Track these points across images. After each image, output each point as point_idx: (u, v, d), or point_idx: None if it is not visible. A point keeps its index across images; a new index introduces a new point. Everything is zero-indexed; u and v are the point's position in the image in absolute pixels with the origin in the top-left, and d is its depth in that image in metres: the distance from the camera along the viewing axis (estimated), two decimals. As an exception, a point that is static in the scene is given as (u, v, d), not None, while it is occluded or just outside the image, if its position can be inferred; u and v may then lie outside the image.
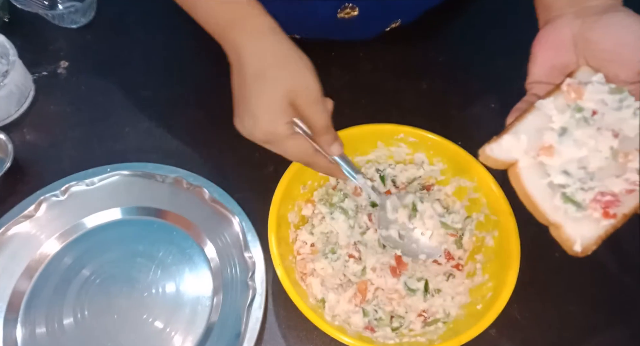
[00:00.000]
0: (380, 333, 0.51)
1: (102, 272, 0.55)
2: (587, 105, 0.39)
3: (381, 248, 0.54)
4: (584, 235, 0.38)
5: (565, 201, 0.38)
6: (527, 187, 0.40)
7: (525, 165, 0.40)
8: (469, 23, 0.75)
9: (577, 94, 0.40)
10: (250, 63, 0.44)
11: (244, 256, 0.54)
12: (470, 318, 0.49)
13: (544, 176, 0.39)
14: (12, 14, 0.71)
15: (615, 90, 0.39)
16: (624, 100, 0.39)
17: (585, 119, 0.39)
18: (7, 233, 0.55)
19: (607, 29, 0.39)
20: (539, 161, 0.39)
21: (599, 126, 0.39)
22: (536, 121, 0.41)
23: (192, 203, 0.58)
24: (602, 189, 0.38)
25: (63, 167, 0.61)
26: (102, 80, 0.68)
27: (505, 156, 0.40)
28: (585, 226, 0.38)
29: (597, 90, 0.39)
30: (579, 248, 0.38)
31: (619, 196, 0.38)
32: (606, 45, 0.39)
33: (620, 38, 0.39)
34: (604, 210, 0.38)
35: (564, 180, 0.38)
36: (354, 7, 0.62)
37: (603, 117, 0.39)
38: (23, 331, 0.52)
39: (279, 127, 0.44)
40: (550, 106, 0.40)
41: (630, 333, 0.54)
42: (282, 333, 0.53)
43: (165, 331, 0.52)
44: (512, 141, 0.40)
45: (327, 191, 0.57)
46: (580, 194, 0.38)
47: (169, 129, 0.65)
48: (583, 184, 0.38)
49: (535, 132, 0.40)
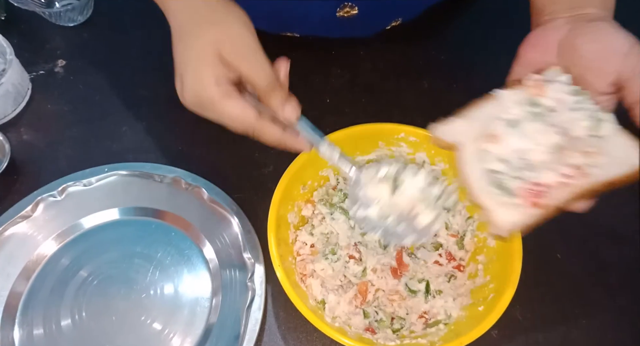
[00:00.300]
0: (380, 335, 0.50)
1: (100, 273, 0.54)
2: (546, 102, 0.41)
3: (382, 249, 0.54)
4: (509, 220, 0.40)
5: (496, 187, 0.40)
6: (466, 169, 0.41)
7: (469, 149, 0.42)
8: (470, 21, 0.75)
9: (539, 90, 0.41)
10: (176, 22, 0.42)
11: (243, 257, 0.54)
12: (472, 319, 0.49)
13: (483, 162, 0.41)
14: (9, 12, 0.71)
15: (577, 92, 0.40)
16: (582, 102, 0.40)
17: (539, 114, 0.40)
18: (4, 234, 0.55)
19: (591, 37, 0.40)
20: (483, 147, 0.41)
21: (551, 122, 0.40)
22: (490, 110, 0.42)
23: (190, 203, 0.57)
24: (536, 180, 0.39)
25: (60, 167, 0.61)
26: (100, 79, 0.68)
27: (452, 139, 0.42)
28: (512, 213, 0.40)
29: (559, 89, 0.40)
30: (501, 232, 0.40)
31: (551, 188, 0.39)
32: (587, 52, 0.40)
33: (602, 47, 0.39)
34: (533, 200, 0.39)
35: (500, 167, 0.40)
36: (353, 6, 0.61)
37: (557, 115, 0.40)
38: (20, 332, 0.51)
39: (208, 87, 0.39)
40: (508, 98, 0.42)
41: (633, 335, 0.54)
42: (282, 334, 0.53)
43: (164, 333, 0.51)
44: (461, 125, 0.42)
45: (327, 192, 0.57)
46: (512, 182, 0.40)
47: (167, 128, 0.64)
48: (518, 173, 0.40)
49: (486, 120, 0.42)
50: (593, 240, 0.59)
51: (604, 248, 0.59)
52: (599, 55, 0.39)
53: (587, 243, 0.59)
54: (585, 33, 0.40)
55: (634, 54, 0.38)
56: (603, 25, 0.40)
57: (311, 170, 0.56)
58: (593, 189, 0.40)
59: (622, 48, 0.38)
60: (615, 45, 0.38)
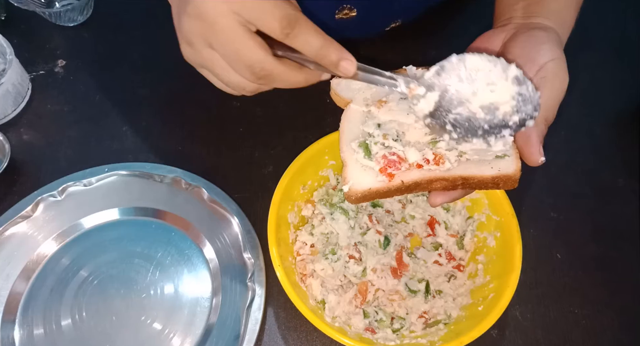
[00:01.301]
0: (380, 335, 0.50)
1: (100, 273, 0.54)
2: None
3: (382, 248, 0.54)
4: (358, 180, 0.40)
5: (361, 147, 0.41)
6: (345, 125, 0.43)
7: (355, 107, 0.43)
8: (470, 20, 0.75)
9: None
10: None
11: (243, 257, 0.54)
12: (472, 319, 0.49)
13: (363, 122, 0.42)
14: (9, 12, 0.71)
15: None
16: None
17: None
18: (4, 234, 0.55)
19: (521, 42, 0.41)
20: (369, 109, 0.43)
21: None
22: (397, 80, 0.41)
23: (190, 203, 0.57)
24: (400, 153, 0.40)
25: (60, 167, 0.61)
26: (100, 79, 0.68)
27: (344, 94, 0.44)
28: (365, 176, 0.40)
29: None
30: (346, 189, 0.41)
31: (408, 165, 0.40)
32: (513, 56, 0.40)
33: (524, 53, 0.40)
34: (387, 168, 0.40)
35: (372, 130, 0.41)
36: (352, 8, 0.61)
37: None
38: (21, 332, 0.51)
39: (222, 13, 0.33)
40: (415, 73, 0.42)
41: (632, 334, 0.54)
42: (282, 334, 0.53)
43: (164, 333, 0.51)
44: (360, 86, 0.44)
45: (327, 192, 0.57)
46: (376, 147, 0.41)
47: (167, 128, 0.64)
48: (387, 141, 0.41)
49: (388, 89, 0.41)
50: (593, 240, 0.59)
51: (604, 248, 0.59)
52: (520, 61, 0.39)
53: (587, 242, 0.59)
54: (518, 38, 0.41)
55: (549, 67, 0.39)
56: (538, 33, 0.41)
57: (311, 170, 0.56)
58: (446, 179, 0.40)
59: (541, 59, 0.39)
60: (536, 55, 0.39)
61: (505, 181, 0.40)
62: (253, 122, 0.65)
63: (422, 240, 0.57)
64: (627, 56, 0.71)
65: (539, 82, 0.38)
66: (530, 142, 0.39)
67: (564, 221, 0.60)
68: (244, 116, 0.65)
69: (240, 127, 0.64)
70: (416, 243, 0.57)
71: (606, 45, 0.72)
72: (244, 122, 0.64)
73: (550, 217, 0.60)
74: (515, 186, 0.40)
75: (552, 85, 0.39)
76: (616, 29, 0.74)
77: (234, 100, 0.66)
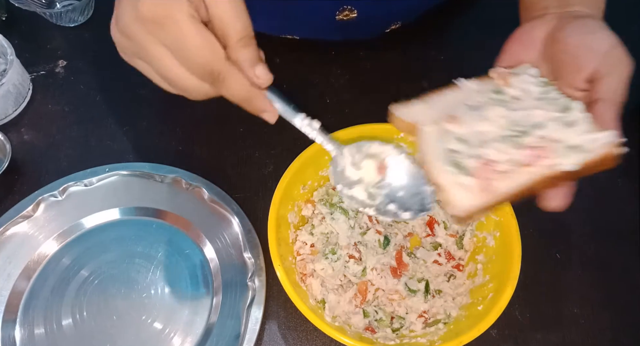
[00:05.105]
0: (380, 334, 0.50)
1: (101, 273, 0.54)
2: (510, 91, 0.41)
3: (382, 248, 0.54)
4: (464, 201, 0.39)
5: (453, 166, 0.40)
6: (426, 148, 0.41)
7: (430, 129, 0.42)
8: (470, 22, 0.75)
9: (503, 81, 0.42)
10: None
11: (244, 256, 0.54)
12: (471, 318, 0.49)
13: (443, 141, 0.41)
14: (10, 12, 0.71)
15: (545, 84, 0.41)
16: (548, 93, 0.40)
17: (501, 101, 0.41)
18: (5, 234, 0.55)
19: (574, 32, 0.40)
20: (443, 127, 0.41)
21: (513, 108, 0.40)
22: (453, 97, 0.43)
23: (191, 203, 0.58)
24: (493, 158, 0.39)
25: (61, 167, 0.61)
26: (101, 79, 0.68)
27: (410, 118, 0.42)
28: (467, 194, 0.39)
29: (525, 80, 0.41)
30: (461, 213, 0.39)
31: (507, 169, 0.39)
32: (568, 46, 0.40)
33: (582, 43, 0.39)
34: (488, 176, 0.39)
35: (459, 147, 0.40)
36: (352, 9, 0.61)
37: (521, 103, 0.41)
38: (22, 332, 0.51)
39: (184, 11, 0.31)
40: (471, 87, 0.43)
41: (632, 334, 0.54)
42: (282, 334, 0.53)
43: (164, 332, 0.51)
44: (422, 108, 0.43)
45: (327, 191, 0.57)
46: (469, 161, 0.39)
47: (168, 128, 0.65)
48: (476, 151, 0.40)
49: (447, 105, 0.42)
50: (593, 240, 0.59)
51: (604, 248, 0.59)
52: (578, 51, 0.39)
53: (587, 242, 0.59)
54: (568, 28, 0.40)
55: (613, 54, 0.38)
56: (588, 22, 0.40)
57: (311, 170, 0.56)
58: (556, 176, 0.38)
59: (602, 46, 0.38)
60: (596, 43, 0.39)
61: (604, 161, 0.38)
62: (253, 122, 0.65)
63: (422, 240, 0.57)
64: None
65: (607, 69, 0.38)
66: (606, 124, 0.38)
67: (564, 221, 0.60)
68: (244, 116, 0.65)
69: (240, 127, 0.65)
70: (416, 242, 0.57)
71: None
72: (244, 122, 0.65)
73: (550, 217, 0.60)
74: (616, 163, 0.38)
75: (620, 70, 0.38)
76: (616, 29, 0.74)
77: (234, 100, 0.66)
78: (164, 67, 0.34)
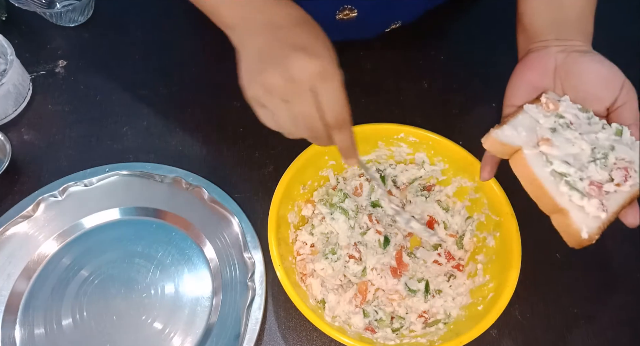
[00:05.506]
0: (380, 334, 0.50)
1: (101, 273, 0.54)
2: (566, 115, 0.45)
3: (382, 248, 0.54)
4: (588, 223, 0.40)
5: (570, 188, 0.40)
6: (536, 172, 0.42)
7: (529, 152, 0.42)
8: (470, 21, 0.75)
9: (554, 106, 0.45)
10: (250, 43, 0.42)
11: (244, 256, 0.54)
12: (471, 318, 0.49)
13: (546, 165, 0.42)
14: (10, 12, 0.71)
15: (583, 109, 0.45)
16: (591, 117, 0.45)
17: (568, 125, 0.44)
18: (5, 234, 0.55)
19: (588, 66, 0.46)
20: (540, 150, 0.42)
21: (580, 132, 0.44)
22: (527, 121, 0.45)
23: (191, 203, 0.58)
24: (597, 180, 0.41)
25: (61, 167, 0.61)
26: (101, 79, 0.68)
27: (510, 141, 0.43)
28: (587, 215, 0.40)
29: (569, 106, 0.45)
30: (585, 235, 0.40)
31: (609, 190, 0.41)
32: (590, 80, 0.46)
33: (601, 77, 0.46)
34: (599, 199, 0.40)
35: (565, 169, 0.41)
36: (352, 8, 0.61)
37: (580, 127, 0.44)
38: (22, 332, 0.51)
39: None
40: (535, 110, 0.45)
41: (632, 334, 0.54)
42: (282, 334, 0.53)
43: (164, 332, 0.51)
44: (512, 131, 0.44)
45: (327, 192, 0.57)
46: (580, 184, 0.41)
47: (168, 128, 0.65)
48: (581, 173, 0.41)
49: (529, 128, 0.44)
50: (592, 240, 0.59)
51: (604, 248, 0.59)
52: (600, 84, 0.46)
53: (587, 242, 0.59)
54: (583, 62, 0.46)
55: (626, 86, 0.45)
56: (597, 58, 0.47)
57: (311, 170, 0.56)
58: (635, 195, 0.42)
59: (618, 80, 0.45)
60: (613, 77, 0.45)
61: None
62: (253, 122, 0.65)
63: (422, 240, 0.57)
64: (627, 56, 0.71)
65: (623, 99, 0.45)
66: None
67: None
68: (244, 116, 0.65)
69: (240, 127, 0.65)
70: (416, 242, 0.57)
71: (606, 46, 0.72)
72: (244, 122, 0.65)
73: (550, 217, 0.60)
74: None
75: (634, 98, 0.45)
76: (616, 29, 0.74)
77: (234, 100, 0.66)
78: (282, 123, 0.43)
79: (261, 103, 0.42)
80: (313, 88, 0.40)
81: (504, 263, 0.50)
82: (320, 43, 0.42)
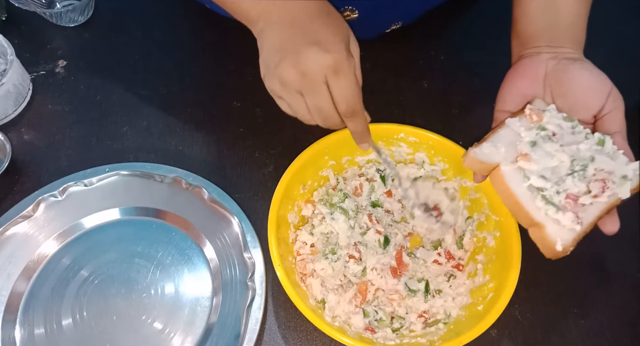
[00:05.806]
0: (380, 334, 0.50)
1: (101, 273, 0.54)
2: (549, 127, 0.45)
3: (382, 248, 0.54)
4: (562, 236, 0.42)
5: (545, 203, 0.42)
6: (512, 188, 0.43)
7: (507, 168, 0.44)
8: (470, 22, 0.75)
9: (538, 117, 0.46)
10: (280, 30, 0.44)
11: (244, 256, 0.54)
12: (471, 318, 0.49)
13: (524, 180, 0.43)
14: (10, 12, 0.71)
15: (568, 118, 0.46)
16: (575, 127, 0.45)
17: (549, 137, 0.45)
18: (5, 234, 0.55)
19: (578, 74, 0.47)
20: (518, 166, 0.44)
21: (561, 143, 0.44)
22: (508, 135, 0.46)
23: (191, 203, 0.58)
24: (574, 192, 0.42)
25: (61, 167, 0.61)
26: (101, 79, 0.68)
27: (488, 159, 0.45)
28: (563, 228, 0.42)
29: (554, 116, 0.46)
30: (560, 247, 0.42)
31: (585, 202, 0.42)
32: (578, 88, 0.46)
33: (589, 86, 0.46)
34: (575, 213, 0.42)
35: (542, 183, 0.42)
36: (353, 9, 0.61)
37: (561, 138, 0.45)
38: (22, 332, 0.51)
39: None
40: (517, 124, 0.46)
41: (632, 334, 0.54)
42: (282, 334, 0.53)
43: (164, 332, 0.51)
44: (491, 148, 0.45)
45: (327, 192, 0.57)
46: (557, 197, 0.42)
47: (168, 128, 0.65)
48: (557, 187, 0.42)
49: (510, 143, 0.45)
50: (593, 240, 0.59)
51: (603, 248, 0.59)
52: (588, 92, 0.46)
53: (587, 242, 0.59)
54: (573, 69, 0.47)
55: (613, 93, 0.46)
56: (586, 66, 0.47)
57: (311, 170, 0.56)
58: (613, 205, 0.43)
59: (605, 88, 0.46)
60: (600, 85, 0.46)
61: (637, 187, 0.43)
62: (253, 122, 0.65)
63: (422, 240, 0.57)
64: (627, 56, 0.71)
65: (610, 107, 0.45)
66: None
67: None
68: (244, 116, 0.65)
69: (240, 127, 0.65)
70: (416, 242, 0.57)
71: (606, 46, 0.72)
72: (244, 122, 0.65)
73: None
74: None
75: (620, 106, 0.46)
76: (616, 29, 0.74)
77: (234, 100, 0.66)
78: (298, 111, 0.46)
79: (278, 95, 0.45)
80: (326, 81, 0.42)
81: (504, 263, 0.50)
82: (336, 37, 0.43)
